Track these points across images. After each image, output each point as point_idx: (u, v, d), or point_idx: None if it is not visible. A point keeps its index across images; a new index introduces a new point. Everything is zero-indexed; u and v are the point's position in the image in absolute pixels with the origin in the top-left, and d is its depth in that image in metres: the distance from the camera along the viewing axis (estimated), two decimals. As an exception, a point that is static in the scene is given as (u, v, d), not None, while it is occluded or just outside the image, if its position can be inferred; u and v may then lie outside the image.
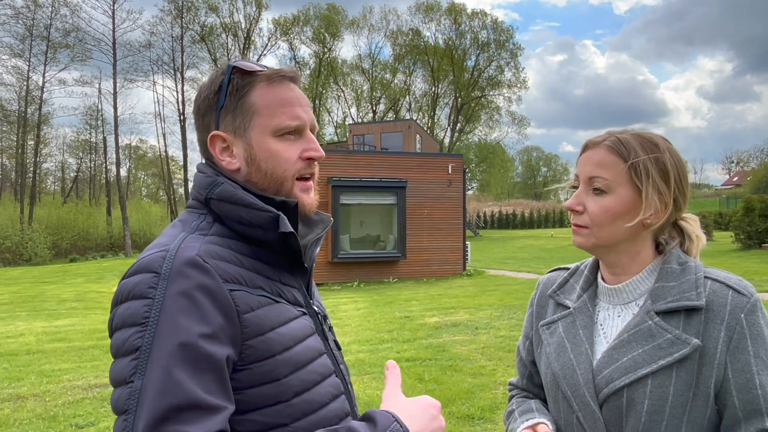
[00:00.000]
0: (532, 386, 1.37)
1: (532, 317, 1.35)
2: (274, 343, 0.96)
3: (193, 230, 1.01)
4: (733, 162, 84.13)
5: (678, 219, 1.19)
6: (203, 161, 1.13)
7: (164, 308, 0.87)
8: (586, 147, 1.18)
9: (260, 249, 1.04)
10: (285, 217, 1.01)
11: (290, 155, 1.06)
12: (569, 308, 1.25)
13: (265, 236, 1.02)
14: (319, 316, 1.12)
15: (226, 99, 1.04)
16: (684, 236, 1.20)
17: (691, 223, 1.21)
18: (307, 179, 1.09)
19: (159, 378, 0.83)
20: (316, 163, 1.10)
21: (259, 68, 1.06)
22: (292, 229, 1.00)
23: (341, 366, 1.13)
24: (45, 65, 43.60)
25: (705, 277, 1.11)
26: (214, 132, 1.05)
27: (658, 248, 1.20)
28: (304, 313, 1.07)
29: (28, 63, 42.86)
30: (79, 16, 44.54)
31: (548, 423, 1.18)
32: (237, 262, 0.99)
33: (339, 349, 1.16)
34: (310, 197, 1.10)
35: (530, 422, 1.19)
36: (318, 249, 1.15)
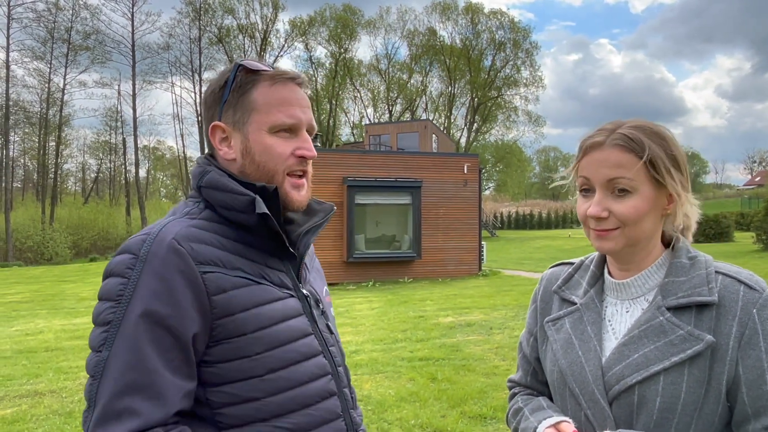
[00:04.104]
0: (536, 383, 1.34)
1: (536, 313, 1.32)
2: (246, 323, 1.02)
3: (182, 215, 1.09)
4: (755, 162, 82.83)
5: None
6: (206, 154, 1.21)
7: (138, 288, 0.96)
8: (590, 148, 1.12)
9: (246, 233, 1.10)
10: (260, 200, 1.06)
11: (283, 151, 1.12)
12: (576, 304, 1.22)
13: (247, 220, 1.08)
14: (309, 300, 1.16)
15: (230, 94, 1.12)
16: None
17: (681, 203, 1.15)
18: (299, 176, 1.15)
19: (125, 353, 0.93)
20: (309, 161, 1.15)
21: (265, 68, 1.13)
22: (266, 211, 1.06)
23: (331, 348, 1.17)
24: (66, 67, 44.34)
25: (716, 272, 1.09)
26: (215, 123, 1.14)
27: (663, 240, 1.17)
28: (291, 296, 1.12)
29: (49, 65, 43.59)
30: (99, 19, 45.14)
31: (570, 421, 1.14)
32: (218, 245, 1.05)
33: (332, 333, 1.21)
34: (300, 194, 1.15)
35: (551, 420, 1.15)
36: (314, 237, 1.21)
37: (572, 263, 1.33)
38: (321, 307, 1.21)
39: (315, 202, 1.25)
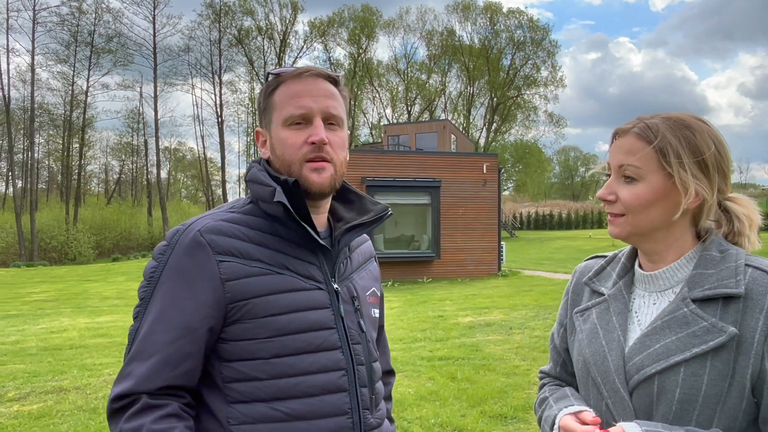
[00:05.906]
0: (565, 374, 1.34)
1: (567, 304, 1.33)
2: (256, 308, 1.10)
3: (226, 209, 1.20)
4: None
5: (722, 201, 1.13)
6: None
7: (165, 271, 1.11)
8: (616, 134, 1.15)
9: (279, 225, 1.17)
10: (280, 190, 1.13)
11: (295, 141, 1.17)
12: (604, 295, 1.22)
13: (275, 210, 1.15)
14: (339, 294, 1.19)
15: (263, 101, 1.23)
16: (731, 217, 1.14)
17: (740, 203, 1.14)
18: (317, 161, 1.17)
19: (144, 326, 1.09)
20: (326, 147, 1.17)
21: (285, 70, 1.21)
22: (282, 199, 1.11)
23: (355, 345, 1.19)
24: (89, 70, 45.10)
25: (746, 264, 1.07)
26: (257, 129, 1.28)
27: (699, 235, 1.15)
28: (319, 288, 1.16)
29: (72, 68, 44.38)
30: (121, 22, 45.76)
31: (591, 411, 1.13)
32: (242, 237, 1.14)
33: (363, 331, 1.22)
34: (319, 176, 1.17)
35: (571, 409, 1.15)
36: (358, 235, 1.25)
37: (605, 256, 1.32)
38: (356, 304, 1.23)
39: (370, 201, 1.30)
